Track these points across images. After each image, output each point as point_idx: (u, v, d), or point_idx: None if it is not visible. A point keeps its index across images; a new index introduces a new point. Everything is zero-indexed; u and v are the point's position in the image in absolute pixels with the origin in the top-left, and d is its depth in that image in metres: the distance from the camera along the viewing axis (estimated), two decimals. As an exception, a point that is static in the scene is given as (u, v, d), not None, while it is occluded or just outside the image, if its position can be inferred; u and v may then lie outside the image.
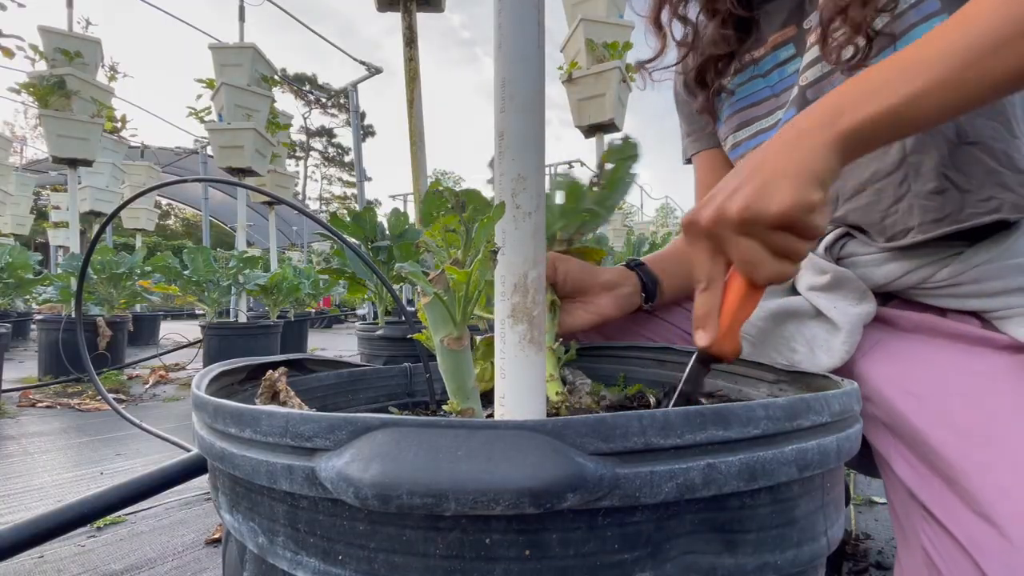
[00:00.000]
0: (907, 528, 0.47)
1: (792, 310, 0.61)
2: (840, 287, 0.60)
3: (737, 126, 0.74)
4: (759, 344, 0.62)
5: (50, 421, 2.04)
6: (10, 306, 4.80)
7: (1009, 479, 0.40)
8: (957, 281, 0.56)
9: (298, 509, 0.29)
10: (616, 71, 3.05)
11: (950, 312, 0.58)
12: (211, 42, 3.54)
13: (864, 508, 1.23)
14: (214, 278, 3.18)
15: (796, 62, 0.67)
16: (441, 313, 0.39)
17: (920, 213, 0.56)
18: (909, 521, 0.47)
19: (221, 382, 0.49)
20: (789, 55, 0.68)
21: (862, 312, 0.57)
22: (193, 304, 6.16)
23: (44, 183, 9.54)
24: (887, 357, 0.55)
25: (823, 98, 0.46)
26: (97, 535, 1.07)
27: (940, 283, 0.57)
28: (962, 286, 0.55)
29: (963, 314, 0.57)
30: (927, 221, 0.55)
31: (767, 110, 0.70)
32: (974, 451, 0.43)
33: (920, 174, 0.55)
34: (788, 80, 0.68)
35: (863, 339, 0.57)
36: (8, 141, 6.63)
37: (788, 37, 0.68)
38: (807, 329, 0.59)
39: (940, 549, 0.42)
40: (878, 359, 0.56)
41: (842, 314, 0.57)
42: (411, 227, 2.06)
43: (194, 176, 0.78)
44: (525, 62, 0.36)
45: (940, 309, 0.59)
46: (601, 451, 0.25)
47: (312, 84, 27.93)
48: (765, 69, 0.71)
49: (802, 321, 0.60)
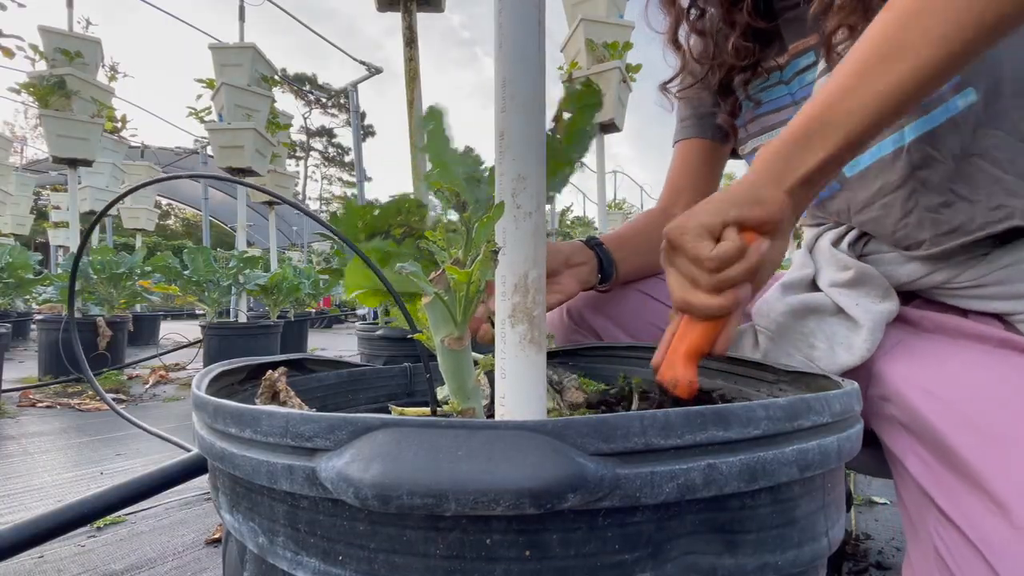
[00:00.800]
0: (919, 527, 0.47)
1: (813, 306, 0.60)
2: (863, 284, 0.59)
3: (759, 130, 0.74)
4: (778, 339, 0.61)
5: (50, 421, 2.04)
6: (10, 306, 4.80)
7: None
8: (982, 282, 0.55)
9: (298, 509, 0.29)
10: (616, 71, 3.05)
11: (972, 313, 0.58)
12: (211, 42, 3.54)
13: (864, 508, 1.23)
14: (214, 278, 3.18)
15: (815, 71, 0.68)
16: (442, 313, 0.39)
17: (931, 226, 0.56)
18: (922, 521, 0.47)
19: (221, 382, 0.49)
20: (809, 62, 0.69)
21: (885, 310, 0.57)
22: (193, 304, 6.16)
23: (44, 183, 9.54)
24: (908, 357, 0.55)
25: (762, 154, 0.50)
26: (97, 535, 1.07)
27: (964, 284, 0.56)
28: (987, 287, 0.55)
29: (985, 315, 0.57)
30: (939, 234, 0.56)
31: (787, 117, 0.71)
32: (994, 452, 0.43)
33: (927, 188, 0.56)
34: (807, 89, 0.69)
35: (884, 338, 0.56)
36: (8, 141, 6.64)
37: (809, 45, 0.68)
38: (828, 326, 0.59)
39: (952, 549, 0.42)
40: (898, 358, 0.55)
41: (864, 311, 0.56)
42: (411, 227, 2.06)
43: (194, 173, 0.78)
44: (525, 62, 0.36)
45: (962, 310, 0.58)
46: (602, 451, 0.25)
47: (312, 84, 27.94)
48: (788, 76, 0.71)
49: (823, 317, 0.59)
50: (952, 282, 0.57)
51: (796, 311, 0.61)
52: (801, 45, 0.69)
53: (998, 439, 0.43)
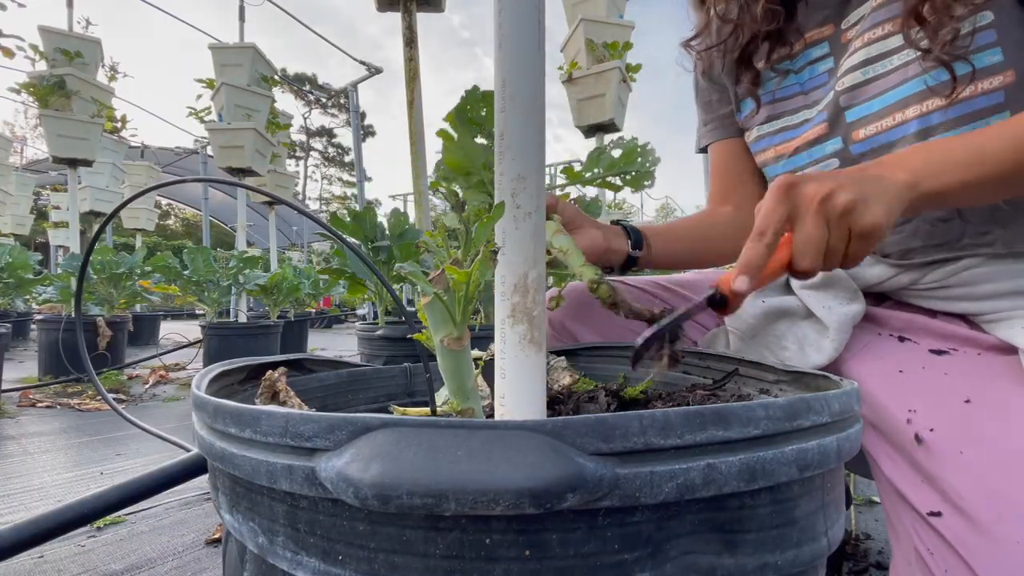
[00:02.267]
0: (899, 529, 0.48)
1: (785, 309, 0.63)
2: (831, 286, 0.61)
3: (766, 118, 0.74)
4: (749, 340, 0.63)
5: (50, 421, 2.04)
6: (10, 306, 4.80)
7: (989, 477, 0.41)
8: (946, 284, 0.58)
9: (298, 509, 0.29)
10: (616, 71, 3.05)
11: (939, 314, 0.60)
12: (211, 42, 3.54)
13: (864, 508, 1.23)
14: (214, 278, 3.18)
15: (827, 62, 0.67)
16: (441, 313, 0.39)
17: (924, 237, 0.59)
18: (900, 522, 0.47)
19: (221, 382, 0.49)
20: (821, 54, 0.68)
21: (851, 312, 0.59)
22: (193, 304, 6.16)
23: (44, 183, 9.54)
24: (874, 358, 0.57)
25: (903, 157, 0.50)
26: (97, 535, 1.07)
27: (930, 285, 0.59)
28: (951, 288, 0.58)
29: (951, 316, 0.59)
30: (929, 245, 0.58)
31: (794, 107, 0.70)
32: (954, 449, 0.44)
33: None
34: (817, 79, 0.68)
35: (852, 340, 0.59)
36: (8, 141, 6.63)
37: (824, 36, 0.68)
38: (798, 329, 0.61)
39: (931, 548, 0.43)
40: (865, 359, 0.57)
41: (831, 314, 0.59)
42: (411, 227, 2.06)
43: (194, 176, 0.77)
44: (525, 62, 0.36)
45: (930, 311, 0.61)
46: (601, 451, 0.25)
47: (312, 84, 27.92)
48: (799, 65, 0.71)
49: (794, 321, 0.62)
50: (918, 284, 0.60)
51: (768, 314, 0.63)
52: (816, 34, 0.69)
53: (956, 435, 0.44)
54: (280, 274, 3.61)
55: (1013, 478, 0.40)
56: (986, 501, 0.40)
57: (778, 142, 0.72)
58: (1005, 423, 0.44)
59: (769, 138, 0.73)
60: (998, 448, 0.42)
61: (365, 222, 1.97)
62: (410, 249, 1.95)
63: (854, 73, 0.61)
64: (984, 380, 0.49)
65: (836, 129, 0.64)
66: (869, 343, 0.59)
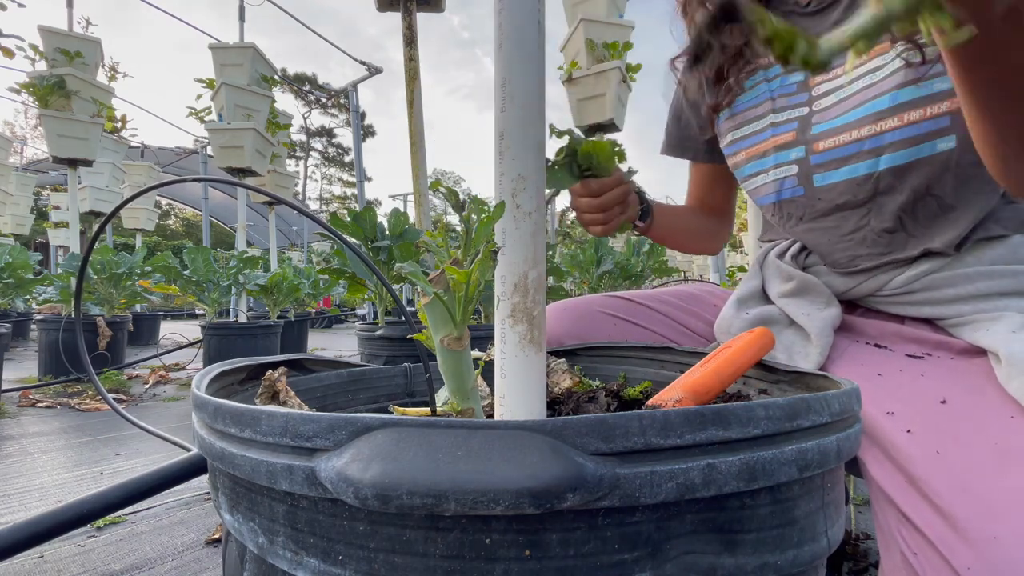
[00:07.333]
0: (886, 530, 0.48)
1: (768, 319, 0.67)
2: (806, 292, 0.66)
3: (737, 124, 0.77)
4: None
5: (50, 421, 2.04)
6: (10, 306, 4.80)
7: (965, 477, 0.41)
8: (910, 289, 0.61)
9: (298, 509, 0.29)
10: (616, 71, 3.05)
11: (907, 319, 0.63)
12: (211, 42, 3.54)
13: (864, 508, 1.23)
14: (214, 278, 3.18)
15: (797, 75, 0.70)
16: (441, 313, 0.39)
17: (870, 246, 0.63)
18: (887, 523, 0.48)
19: (221, 382, 0.49)
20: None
21: (829, 316, 0.63)
22: (193, 304, 6.16)
23: (44, 183, 9.54)
24: (853, 365, 0.59)
25: None
26: (97, 535, 1.07)
27: (895, 290, 0.62)
28: (915, 294, 0.61)
29: (918, 321, 0.62)
30: (873, 253, 0.64)
31: (762, 112, 0.73)
32: (931, 451, 0.44)
33: (881, 213, 0.62)
34: (787, 88, 0.71)
35: (833, 348, 0.62)
36: (8, 141, 6.63)
37: None
38: (784, 337, 0.64)
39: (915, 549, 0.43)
40: (844, 366, 0.60)
41: (812, 320, 0.62)
42: (411, 227, 2.06)
43: (194, 176, 0.78)
44: (525, 62, 0.36)
45: (899, 317, 0.64)
46: (601, 451, 0.25)
47: (312, 84, 27.91)
48: (771, 75, 0.74)
49: (780, 330, 0.65)
50: (884, 289, 0.63)
51: (754, 324, 0.66)
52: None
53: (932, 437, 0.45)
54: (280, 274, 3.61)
55: (987, 476, 0.41)
56: (962, 499, 0.40)
57: (747, 146, 0.76)
58: (978, 422, 0.45)
59: (740, 142, 0.77)
60: (972, 447, 0.43)
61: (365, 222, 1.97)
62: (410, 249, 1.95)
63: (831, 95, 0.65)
64: (958, 381, 0.50)
65: (802, 138, 0.67)
66: (847, 349, 0.62)
